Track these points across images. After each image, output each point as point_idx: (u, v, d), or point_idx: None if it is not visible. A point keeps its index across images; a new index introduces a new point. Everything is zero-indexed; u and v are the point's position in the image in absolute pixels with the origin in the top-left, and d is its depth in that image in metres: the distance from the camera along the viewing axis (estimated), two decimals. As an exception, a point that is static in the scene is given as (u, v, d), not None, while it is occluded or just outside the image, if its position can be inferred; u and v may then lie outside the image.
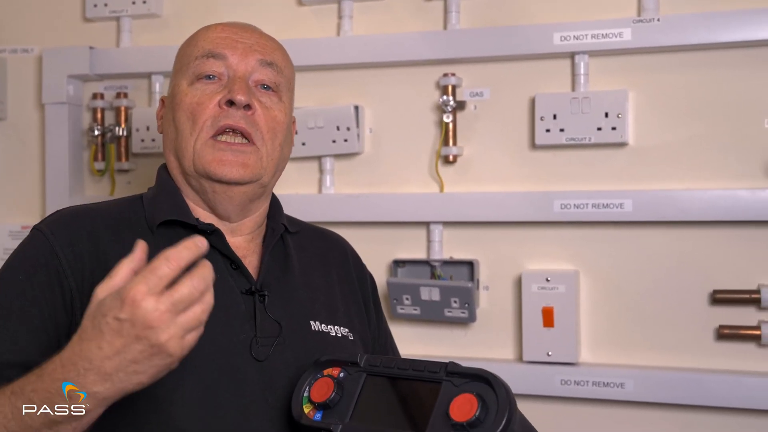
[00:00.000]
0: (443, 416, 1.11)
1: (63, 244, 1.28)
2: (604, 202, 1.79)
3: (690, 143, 1.80)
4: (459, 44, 1.89)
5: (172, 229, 1.35)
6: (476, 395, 1.11)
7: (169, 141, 1.41)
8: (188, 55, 1.41)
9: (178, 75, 1.41)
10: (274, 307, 1.34)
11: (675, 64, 1.80)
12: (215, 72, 1.38)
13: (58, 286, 1.25)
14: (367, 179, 2.00)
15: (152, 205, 1.37)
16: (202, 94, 1.36)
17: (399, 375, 1.19)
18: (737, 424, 1.75)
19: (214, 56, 1.38)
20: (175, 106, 1.38)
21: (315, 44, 1.98)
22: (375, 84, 1.99)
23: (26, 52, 2.21)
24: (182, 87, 1.39)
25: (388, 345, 1.59)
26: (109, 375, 1.03)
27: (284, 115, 1.41)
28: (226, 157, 1.33)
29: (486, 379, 1.12)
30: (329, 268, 1.50)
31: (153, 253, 1.30)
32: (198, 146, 1.34)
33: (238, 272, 1.35)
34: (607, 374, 1.79)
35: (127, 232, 1.33)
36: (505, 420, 1.08)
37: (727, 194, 1.72)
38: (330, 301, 1.45)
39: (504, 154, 1.91)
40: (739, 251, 1.77)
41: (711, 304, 1.78)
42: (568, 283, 1.82)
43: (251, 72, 1.38)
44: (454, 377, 1.14)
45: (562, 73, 1.87)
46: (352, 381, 1.22)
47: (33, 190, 2.20)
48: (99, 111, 2.14)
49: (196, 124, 1.35)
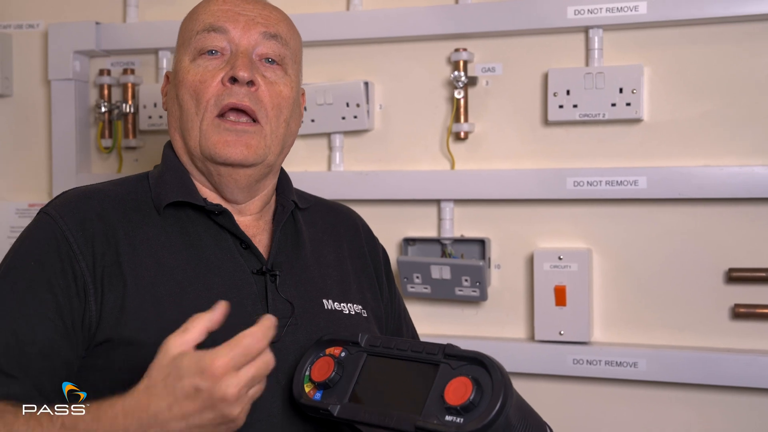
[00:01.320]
0: (439, 399, 1.11)
1: (72, 228, 1.25)
2: (617, 179, 1.77)
3: (705, 119, 1.77)
4: (471, 18, 1.86)
5: (180, 210, 1.33)
6: (471, 379, 1.10)
7: (174, 120, 1.38)
8: (189, 29, 1.37)
9: (181, 50, 1.38)
10: (285, 286, 1.33)
11: (691, 39, 1.77)
12: (217, 47, 1.34)
13: (70, 271, 1.23)
14: (377, 156, 1.98)
15: (159, 186, 1.35)
16: (204, 71, 1.33)
17: (398, 356, 1.19)
18: (752, 403, 1.74)
19: (216, 30, 1.34)
20: (179, 84, 1.35)
21: (324, 19, 1.95)
22: (385, 60, 1.97)
23: (32, 27, 2.19)
24: (184, 63, 1.35)
25: (403, 321, 1.57)
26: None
27: (290, 89, 1.37)
28: (230, 137, 1.31)
29: (482, 362, 1.11)
30: (340, 242, 1.48)
31: (161, 234, 1.30)
32: (204, 127, 1.32)
33: (248, 252, 1.33)
34: (619, 353, 1.77)
35: (134, 214, 1.31)
36: (499, 404, 1.07)
37: (743, 171, 1.70)
38: (342, 277, 1.43)
39: (516, 131, 1.89)
40: (755, 228, 1.75)
41: (726, 282, 1.76)
42: (580, 261, 1.80)
43: (254, 45, 1.35)
44: (451, 359, 1.14)
45: (576, 48, 1.84)
46: (352, 360, 1.21)
47: (40, 167, 2.18)
48: (106, 87, 2.12)
49: (200, 103, 1.32)
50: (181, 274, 1.27)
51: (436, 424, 1.09)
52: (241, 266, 1.31)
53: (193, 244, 1.30)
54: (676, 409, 1.79)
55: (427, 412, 1.11)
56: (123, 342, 1.21)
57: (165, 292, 1.24)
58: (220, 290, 1.27)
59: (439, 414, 1.10)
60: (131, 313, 1.22)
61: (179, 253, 1.29)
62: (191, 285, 1.26)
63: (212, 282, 1.27)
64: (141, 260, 1.26)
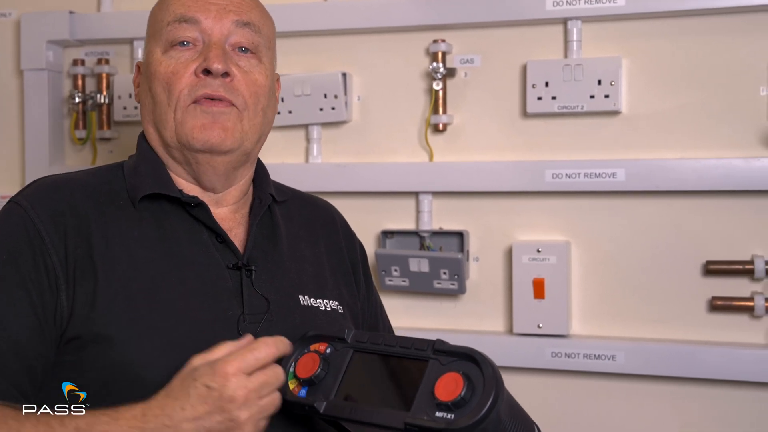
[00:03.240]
0: (429, 395, 1.09)
1: (44, 219, 1.22)
2: (596, 171, 1.76)
3: (684, 111, 1.77)
4: (449, 9, 1.85)
5: (155, 202, 1.31)
6: (462, 374, 1.08)
7: (147, 112, 1.35)
8: (160, 20, 1.34)
9: (152, 41, 1.35)
10: (261, 282, 1.31)
11: (669, 31, 1.77)
12: (189, 38, 1.32)
13: (42, 265, 1.20)
14: (355, 148, 1.96)
15: (133, 177, 1.32)
16: (177, 62, 1.31)
17: (386, 352, 1.17)
18: (730, 396, 1.74)
19: (187, 21, 1.31)
20: (151, 76, 1.33)
21: (302, 9, 1.93)
22: (363, 50, 1.95)
23: (4, 16, 2.15)
24: (156, 55, 1.33)
25: (379, 317, 1.56)
26: None
27: (265, 77, 1.35)
28: (206, 120, 1.28)
29: (473, 358, 1.10)
30: (317, 238, 1.46)
31: (135, 227, 1.27)
32: (178, 115, 1.30)
33: (224, 246, 1.31)
34: (598, 346, 1.77)
35: (108, 205, 1.28)
36: (490, 401, 1.06)
37: (722, 163, 1.70)
38: (319, 272, 1.41)
39: (495, 123, 1.88)
40: (732, 221, 1.75)
41: (704, 275, 1.76)
42: (559, 254, 1.80)
43: (227, 35, 1.32)
44: (441, 355, 1.12)
45: (555, 40, 1.84)
46: (338, 357, 1.20)
47: (12, 158, 2.15)
48: (80, 78, 2.09)
49: (172, 94, 1.30)
50: (155, 269, 1.24)
51: (426, 420, 1.07)
52: (216, 261, 1.29)
53: (168, 238, 1.28)
54: (654, 402, 1.79)
55: (417, 408, 1.09)
56: (93, 338, 1.18)
57: (138, 286, 1.22)
58: (194, 285, 1.25)
59: (429, 410, 1.08)
60: (102, 309, 1.19)
61: (153, 247, 1.26)
62: (165, 280, 1.24)
63: (186, 276, 1.25)
64: (113, 254, 1.23)
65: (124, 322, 1.18)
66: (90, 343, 1.18)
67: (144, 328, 1.19)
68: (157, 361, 1.17)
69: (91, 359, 1.18)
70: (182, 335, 1.20)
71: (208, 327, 1.23)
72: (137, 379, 1.17)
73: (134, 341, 1.18)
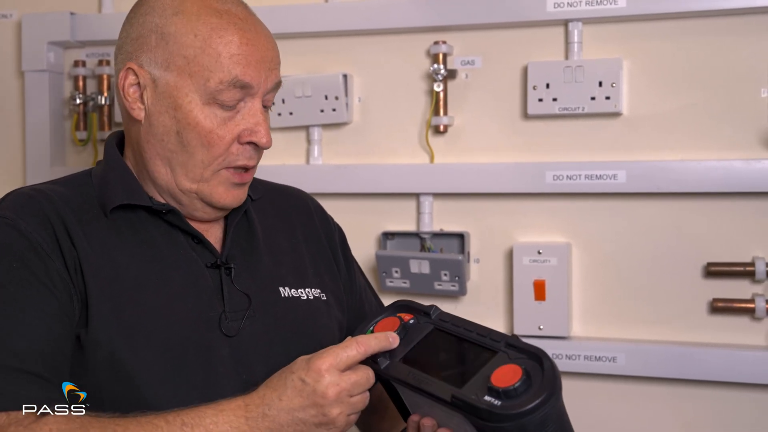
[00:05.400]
0: (485, 379, 1.10)
1: (34, 227, 1.20)
2: (597, 173, 1.76)
3: (685, 113, 1.77)
4: (450, 11, 1.85)
5: (128, 210, 1.28)
6: (523, 369, 1.09)
7: (164, 150, 1.26)
8: (206, 67, 1.22)
9: (188, 81, 1.23)
10: (241, 278, 1.30)
11: (670, 32, 1.77)
12: (236, 101, 1.25)
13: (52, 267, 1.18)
14: (355, 150, 1.96)
15: (102, 188, 1.29)
16: (220, 121, 1.25)
17: (462, 335, 1.19)
18: (731, 398, 1.74)
19: (243, 87, 1.24)
20: (182, 120, 1.24)
21: (303, 11, 1.93)
22: (364, 52, 1.95)
23: (5, 17, 2.15)
24: (195, 102, 1.23)
25: (365, 299, 1.53)
26: (281, 427, 1.12)
27: None
28: (237, 192, 1.30)
29: (539, 357, 1.10)
30: (293, 227, 1.45)
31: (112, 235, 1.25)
32: (207, 175, 1.27)
33: (201, 246, 1.30)
34: (599, 348, 1.77)
35: (84, 215, 1.25)
36: (541, 398, 1.05)
37: (722, 165, 1.70)
38: (297, 262, 1.40)
39: (495, 124, 1.88)
40: (733, 223, 1.75)
41: (705, 276, 1.76)
42: (560, 255, 1.80)
43: (265, 94, 1.29)
44: (511, 349, 1.13)
45: (556, 41, 1.84)
46: (418, 328, 1.22)
47: (13, 160, 2.15)
48: (80, 79, 2.09)
49: (210, 154, 1.25)
50: (137, 272, 1.23)
51: (474, 399, 1.08)
52: (195, 261, 1.28)
53: (146, 242, 1.27)
54: (654, 404, 1.79)
55: (469, 387, 1.10)
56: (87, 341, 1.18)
57: (121, 289, 1.21)
58: (177, 285, 1.24)
59: (479, 392, 1.09)
60: (93, 311, 1.18)
61: (133, 252, 1.25)
62: (148, 281, 1.23)
63: (169, 277, 1.25)
64: (97, 259, 1.22)
65: (111, 326, 1.18)
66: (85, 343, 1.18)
67: (132, 330, 1.19)
68: (145, 362, 1.18)
69: (86, 360, 1.18)
70: (169, 336, 1.20)
71: (192, 327, 1.23)
72: (124, 378, 1.17)
73: (123, 343, 1.18)
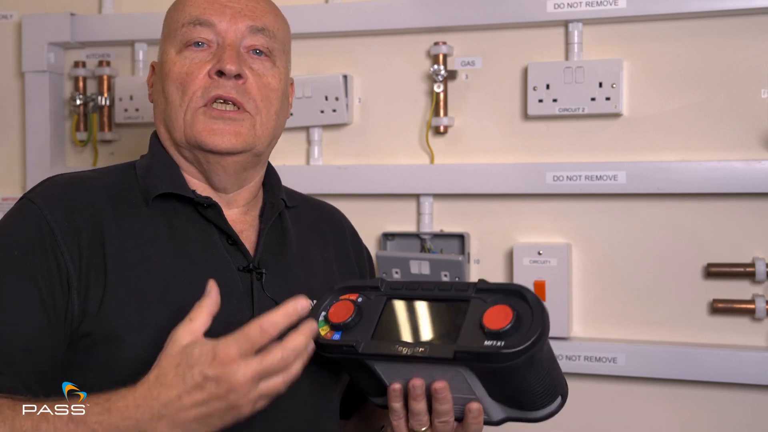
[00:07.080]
0: (475, 327, 1.08)
1: (58, 218, 1.22)
2: (597, 173, 1.76)
3: (685, 114, 1.77)
4: (450, 12, 1.85)
5: (167, 202, 1.31)
6: (511, 307, 1.08)
7: (159, 111, 1.36)
8: (175, 20, 1.35)
9: (166, 42, 1.36)
10: (271, 285, 1.31)
11: (670, 33, 1.77)
12: (203, 39, 1.32)
13: (54, 263, 1.20)
14: (356, 150, 1.96)
15: (147, 177, 1.33)
16: (191, 63, 1.31)
17: (423, 296, 1.15)
18: (731, 398, 1.74)
19: (201, 23, 1.32)
20: (164, 76, 1.33)
21: (303, 11, 1.93)
22: (364, 53, 1.95)
23: (5, 18, 2.15)
24: (170, 55, 1.33)
25: None
26: (183, 424, 1.05)
27: (278, 81, 1.36)
28: (217, 126, 1.29)
29: (520, 292, 1.09)
30: (326, 243, 1.47)
31: (147, 227, 1.27)
32: (188, 116, 1.30)
33: (234, 248, 1.31)
34: (599, 349, 1.77)
35: (122, 204, 1.28)
36: (541, 328, 1.05)
37: (723, 165, 1.70)
38: (327, 278, 1.41)
39: (496, 125, 1.88)
40: (733, 224, 1.75)
41: (705, 277, 1.76)
42: (560, 256, 1.80)
43: (241, 38, 1.33)
44: (484, 294, 1.11)
45: (556, 42, 1.84)
46: (371, 305, 1.18)
47: (13, 161, 2.15)
48: (81, 80, 2.09)
49: (185, 94, 1.30)
50: (167, 269, 1.24)
51: (477, 348, 1.06)
52: (227, 262, 1.29)
53: (179, 238, 1.28)
54: (655, 404, 1.79)
55: (464, 339, 1.08)
56: (103, 337, 1.18)
57: (149, 287, 1.22)
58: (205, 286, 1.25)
59: (477, 339, 1.07)
60: (113, 308, 1.19)
61: (164, 247, 1.26)
62: (176, 280, 1.24)
63: (197, 278, 1.24)
64: (126, 253, 1.23)
65: (135, 322, 1.19)
66: (100, 342, 1.18)
67: (154, 328, 1.18)
68: None
69: (102, 358, 1.18)
70: None
71: (218, 330, 1.22)
72: None
73: (144, 341, 1.18)
